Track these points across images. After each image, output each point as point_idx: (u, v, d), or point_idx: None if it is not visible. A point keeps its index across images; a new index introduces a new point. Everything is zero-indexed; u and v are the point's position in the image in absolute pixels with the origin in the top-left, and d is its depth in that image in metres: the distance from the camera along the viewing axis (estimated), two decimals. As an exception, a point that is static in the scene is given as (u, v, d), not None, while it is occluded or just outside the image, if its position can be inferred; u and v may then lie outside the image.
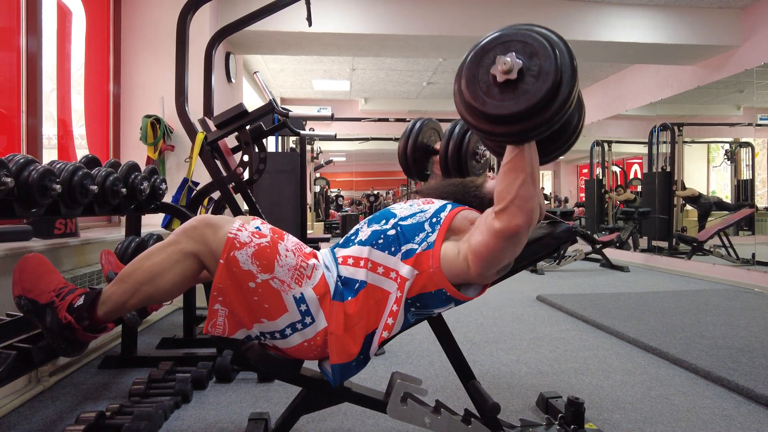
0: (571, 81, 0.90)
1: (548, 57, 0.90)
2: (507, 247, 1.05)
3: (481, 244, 1.07)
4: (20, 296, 1.10)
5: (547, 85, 0.89)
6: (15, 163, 1.25)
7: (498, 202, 1.02)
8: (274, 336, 1.10)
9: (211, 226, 1.08)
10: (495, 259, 1.08)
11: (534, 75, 0.90)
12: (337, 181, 15.44)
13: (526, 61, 0.91)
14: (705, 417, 1.66)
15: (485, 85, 0.95)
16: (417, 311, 1.20)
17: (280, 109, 2.25)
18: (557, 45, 0.92)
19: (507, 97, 0.92)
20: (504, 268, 1.17)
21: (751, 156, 5.87)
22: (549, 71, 0.89)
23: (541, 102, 0.90)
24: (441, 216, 1.20)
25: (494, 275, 1.16)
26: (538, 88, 0.90)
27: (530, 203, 1.00)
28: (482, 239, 1.07)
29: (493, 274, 1.15)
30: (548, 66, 0.89)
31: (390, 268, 1.15)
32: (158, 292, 1.10)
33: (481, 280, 1.16)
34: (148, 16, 3.57)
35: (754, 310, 3.23)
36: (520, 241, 1.05)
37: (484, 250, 1.06)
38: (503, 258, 1.09)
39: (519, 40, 0.93)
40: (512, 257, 1.11)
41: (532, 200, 1.00)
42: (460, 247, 1.14)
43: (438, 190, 1.39)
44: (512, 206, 1.00)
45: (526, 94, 0.91)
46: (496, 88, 0.93)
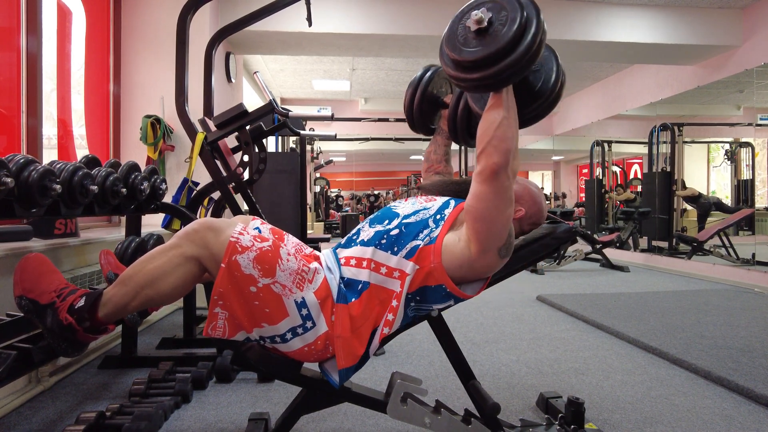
0: (537, 25, 1.00)
1: (514, 8, 1.02)
2: (493, 195, 1.06)
3: (469, 199, 1.10)
4: (21, 296, 1.10)
5: (513, 28, 0.99)
6: (15, 163, 1.25)
7: (477, 146, 1.08)
8: (275, 340, 1.10)
9: (212, 230, 1.08)
10: (488, 214, 1.07)
11: (502, 23, 1.02)
12: (337, 181, 15.44)
13: (495, 15, 1.03)
14: (705, 417, 1.66)
15: (462, 37, 1.07)
16: (416, 306, 1.20)
17: (280, 109, 2.25)
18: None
19: (480, 43, 1.03)
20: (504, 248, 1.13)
21: (751, 156, 5.87)
22: (515, 18, 1.00)
23: (509, 43, 0.99)
24: (445, 213, 1.20)
25: (495, 257, 1.12)
26: (506, 31, 1.00)
27: (506, 143, 1.04)
28: (470, 195, 1.10)
29: (494, 254, 1.12)
30: (514, 14, 1.01)
31: (393, 268, 1.15)
32: (159, 295, 1.10)
33: (483, 260, 1.12)
34: (148, 16, 3.57)
35: (754, 310, 3.23)
36: (502, 185, 1.06)
37: (473, 201, 1.08)
38: (495, 214, 1.07)
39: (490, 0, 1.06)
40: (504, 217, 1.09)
41: (509, 141, 1.05)
42: (460, 234, 1.14)
43: (440, 188, 1.39)
44: (489, 147, 1.05)
45: (495, 37, 1.02)
46: (471, 39, 1.05)
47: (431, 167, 1.62)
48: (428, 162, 1.63)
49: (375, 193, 13.29)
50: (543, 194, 1.41)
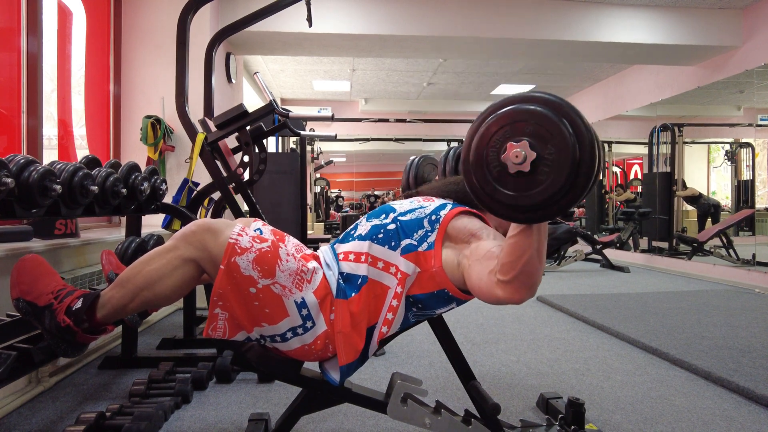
0: (590, 165, 0.81)
1: (564, 142, 0.81)
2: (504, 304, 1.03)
3: (479, 291, 1.04)
4: (18, 298, 1.10)
5: (562, 179, 0.81)
6: (15, 164, 1.25)
7: (502, 273, 0.97)
8: (275, 339, 1.10)
9: (211, 232, 1.07)
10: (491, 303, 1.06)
11: (548, 165, 0.82)
12: (337, 182, 15.44)
13: (539, 152, 0.83)
14: (705, 418, 1.66)
15: (495, 170, 0.87)
16: (418, 312, 1.19)
17: (280, 109, 2.25)
18: (574, 123, 0.82)
19: (519, 187, 0.85)
20: None
21: (752, 156, 5.87)
22: (566, 161, 0.81)
23: (556, 195, 0.83)
24: (441, 214, 1.17)
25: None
26: (553, 181, 0.82)
27: (534, 278, 0.96)
28: (480, 287, 1.03)
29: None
30: (564, 151, 0.81)
31: (390, 263, 1.14)
32: (157, 297, 1.10)
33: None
34: (148, 16, 3.57)
35: (755, 310, 3.23)
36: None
37: (482, 297, 1.04)
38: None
39: (532, 121, 0.84)
40: None
41: (537, 275, 0.97)
42: (460, 260, 1.10)
43: (439, 189, 1.36)
44: (516, 282, 0.96)
45: (540, 185, 0.83)
46: (507, 176, 0.86)
47: None
48: None
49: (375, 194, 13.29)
50: None
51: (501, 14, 4.32)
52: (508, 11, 4.32)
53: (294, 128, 3.43)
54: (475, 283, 1.04)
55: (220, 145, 2.24)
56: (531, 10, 4.33)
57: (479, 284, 1.03)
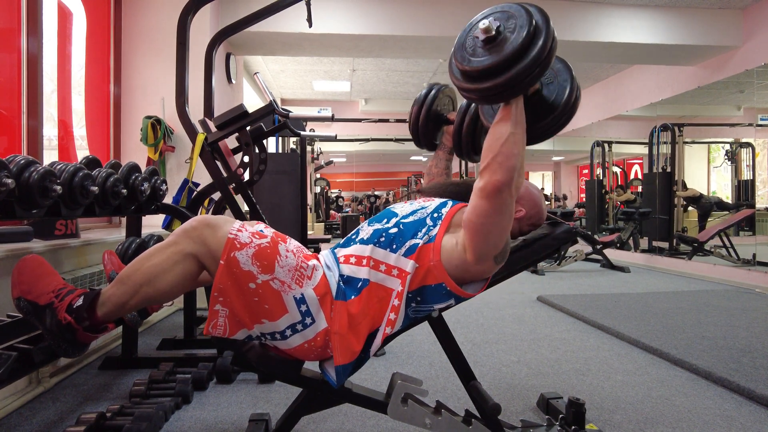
0: (547, 31, 0.97)
1: (522, 15, 0.99)
2: (493, 211, 1.05)
3: (468, 212, 1.09)
4: (19, 298, 1.10)
5: (522, 34, 0.97)
6: (16, 164, 1.25)
7: (482, 161, 1.06)
8: (275, 337, 1.10)
9: (210, 227, 1.08)
10: (485, 229, 1.07)
11: (511, 30, 0.99)
12: (337, 182, 15.45)
13: (503, 23, 1.01)
14: (706, 418, 1.66)
15: (471, 48, 1.04)
16: (417, 306, 1.20)
17: (280, 110, 2.25)
18: (531, 7, 1.01)
19: (489, 52, 1.01)
20: (500, 255, 1.14)
21: (752, 156, 5.87)
22: (524, 25, 0.98)
23: (518, 50, 0.97)
24: (442, 211, 1.20)
25: (491, 263, 1.14)
26: (515, 38, 0.98)
27: (511, 161, 1.02)
28: (469, 207, 1.09)
29: (490, 262, 1.13)
30: (522, 21, 0.98)
31: (392, 266, 1.15)
32: (158, 293, 1.10)
33: (479, 266, 1.13)
34: (148, 17, 3.57)
35: (755, 310, 3.23)
36: (503, 202, 1.05)
37: (473, 215, 1.07)
38: (493, 228, 1.08)
39: (498, 10, 1.05)
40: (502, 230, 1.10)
41: (514, 158, 1.03)
42: (457, 237, 1.14)
43: (440, 190, 1.40)
44: (494, 162, 1.03)
45: (504, 45, 0.99)
46: (480, 48, 1.03)
47: (432, 180, 1.65)
48: (429, 176, 1.67)
49: (375, 194, 13.30)
50: (543, 195, 1.42)
51: (501, 14, 4.31)
52: (508, 11, 4.32)
53: (294, 128, 3.43)
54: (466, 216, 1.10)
55: (221, 146, 2.24)
56: (531, 10, 4.32)
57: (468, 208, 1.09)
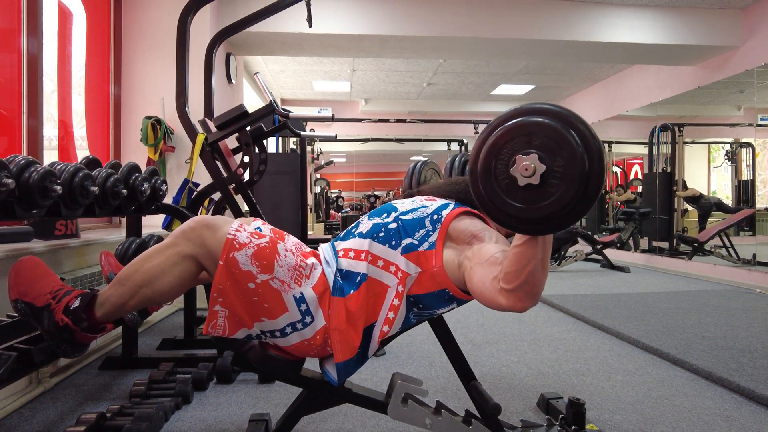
0: (598, 176, 0.81)
1: (573, 156, 0.81)
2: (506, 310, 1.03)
3: (480, 295, 1.03)
4: (17, 300, 1.10)
5: (572, 192, 0.81)
6: (16, 165, 1.25)
7: (506, 281, 0.96)
8: (275, 335, 1.10)
9: (209, 228, 1.08)
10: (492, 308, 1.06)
11: (558, 177, 0.82)
12: (337, 182, 15.44)
13: (549, 162, 0.83)
14: (706, 418, 1.66)
15: (504, 183, 0.87)
16: (419, 312, 1.19)
17: (280, 110, 2.25)
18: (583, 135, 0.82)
19: (529, 200, 0.85)
20: None
21: (752, 156, 5.86)
22: (574, 174, 0.81)
23: (566, 207, 0.83)
24: (442, 214, 1.17)
25: None
26: (563, 194, 0.82)
27: (538, 288, 0.96)
28: (483, 292, 1.02)
29: None
30: (574, 167, 0.81)
31: (390, 262, 1.14)
32: (157, 294, 1.10)
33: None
34: (148, 17, 3.57)
35: (755, 310, 3.23)
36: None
37: (484, 302, 1.04)
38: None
39: (542, 132, 0.84)
40: None
41: (540, 285, 0.96)
42: (461, 261, 1.10)
43: (441, 189, 1.35)
44: (520, 291, 0.95)
45: (549, 198, 0.83)
46: (516, 189, 0.85)
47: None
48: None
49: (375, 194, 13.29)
50: None
51: (501, 14, 4.32)
52: (508, 12, 4.32)
53: (294, 129, 3.43)
54: (477, 288, 1.04)
55: (221, 146, 2.24)
56: (531, 11, 4.33)
57: (482, 289, 1.02)
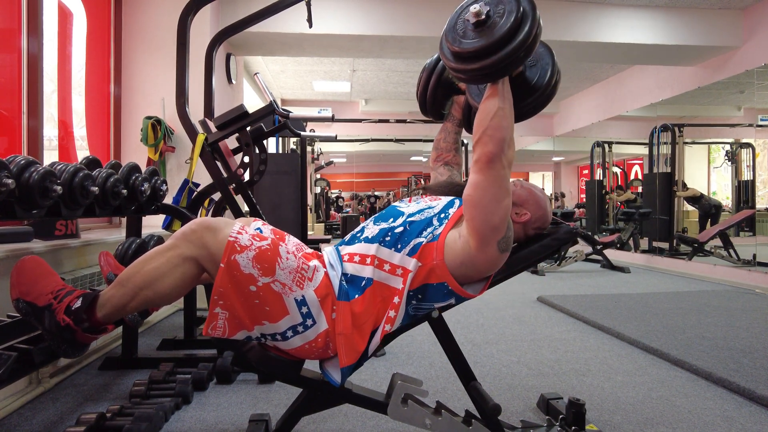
0: (533, 18, 1.04)
1: (511, 1, 1.06)
2: (488, 183, 1.07)
3: (467, 188, 1.11)
4: (18, 299, 1.10)
5: (510, 19, 1.04)
6: (16, 165, 1.25)
7: (474, 136, 1.10)
8: (275, 337, 1.10)
9: (210, 230, 1.08)
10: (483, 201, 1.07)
11: (500, 15, 1.06)
12: (337, 182, 15.44)
13: (492, 8, 1.08)
14: (706, 418, 1.66)
15: (461, 30, 1.11)
16: (417, 304, 1.20)
17: (280, 110, 2.25)
18: None
19: (478, 35, 1.08)
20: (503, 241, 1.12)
21: (752, 157, 5.86)
22: (512, 10, 1.05)
23: (506, 34, 1.03)
24: (449, 212, 1.21)
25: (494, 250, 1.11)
26: (503, 23, 1.04)
27: (501, 132, 1.07)
28: (468, 183, 1.12)
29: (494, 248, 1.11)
30: (511, 7, 1.05)
31: (396, 265, 1.15)
32: (158, 296, 1.10)
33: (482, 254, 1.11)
34: (148, 17, 3.58)
35: (755, 311, 3.23)
36: (498, 174, 1.07)
37: (470, 189, 1.10)
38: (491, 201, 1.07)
39: None
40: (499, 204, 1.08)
41: (503, 130, 1.07)
42: (461, 230, 1.15)
43: (446, 189, 1.39)
44: (484, 136, 1.08)
45: (493, 28, 1.06)
46: (470, 31, 1.09)
47: (440, 156, 1.59)
48: (437, 150, 1.60)
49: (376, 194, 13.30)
50: (548, 199, 1.41)
51: (501, 15, 4.31)
52: (509, 12, 4.32)
53: (294, 129, 3.43)
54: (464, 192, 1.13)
55: (221, 146, 2.24)
56: (531, 11, 4.32)
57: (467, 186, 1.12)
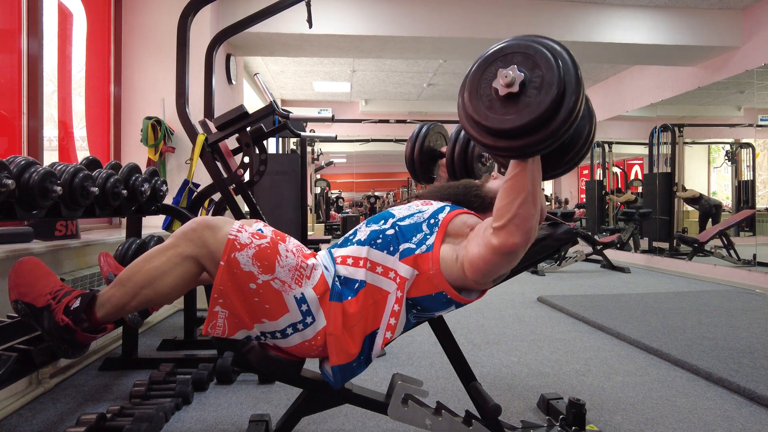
0: (576, 91, 0.85)
1: (550, 67, 0.86)
2: (503, 262, 1.04)
3: (477, 256, 1.05)
4: (17, 300, 1.10)
5: (549, 97, 0.85)
6: (16, 165, 1.25)
7: (497, 218, 0.99)
8: (275, 336, 1.10)
9: (210, 228, 1.08)
10: (491, 271, 1.07)
11: (536, 87, 0.86)
12: (337, 183, 15.45)
13: (527, 73, 0.87)
14: (706, 418, 1.66)
15: (487, 98, 0.92)
16: (418, 313, 1.20)
17: (280, 110, 2.25)
18: (560, 54, 0.88)
19: (509, 111, 0.89)
20: (501, 276, 1.17)
21: (752, 157, 5.86)
22: (551, 82, 0.85)
23: (544, 115, 0.86)
24: (439, 217, 1.18)
25: (491, 283, 1.17)
26: (541, 100, 0.86)
27: (529, 223, 0.97)
28: (479, 252, 1.05)
29: (491, 283, 1.17)
30: (550, 76, 0.85)
31: (389, 268, 1.14)
32: (158, 295, 1.10)
33: (478, 287, 1.15)
34: (148, 18, 3.58)
35: (756, 311, 3.23)
36: (516, 257, 1.04)
37: (481, 262, 1.05)
38: (499, 270, 1.08)
39: (521, 51, 0.89)
40: (509, 269, 1.11)
41: (532, 219, 0.97)
42: (458, 252, 1.12)
43: (438, 192, 1.38)
44: (511, 225, 0.97)
45: (528, 107, 0.87)
46: (498, 102, 0.90)
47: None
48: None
49: (375, 195, 13.31)
50: (542, 193, 1.41)
51: (501, 15, 4.32)
52: (508, 12, 4.33)
53: (294, 129, 3.44)
54: (472, 251, 1.06)
55: (221, 147, 2.24)
56: (531, 11, 4.33)
57: (476, 250, 1.05)
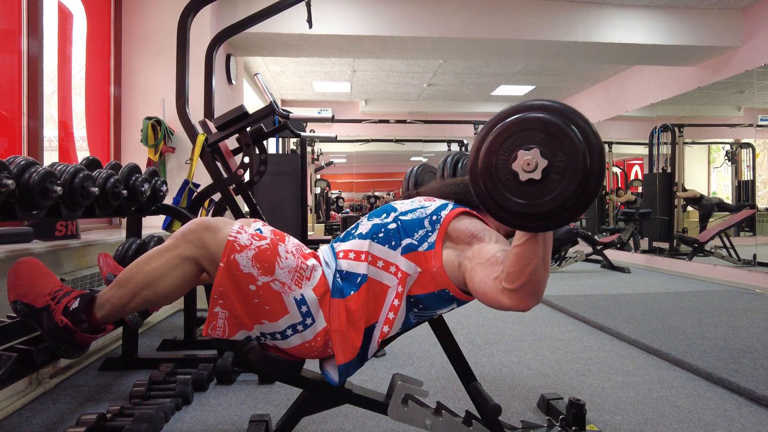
0: (599, 174, 0.82)
1: (574, 151, 0.81)
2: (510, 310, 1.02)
3: (482, 294, 1.03)
4: (16, 301, 1.10)
5: (573, 186, 0.82)
6: (16, 165, 1.25)
7: (508, 281, 0.96)
8: (275, 336, 1.09)
9: (209, 230, 1.08)
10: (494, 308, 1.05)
11: (559, 173, 0.83)
12: (337, 183, 15.44)
13: (550, 160, 0.83)
14: (706, 418, 1.66)
15: (505, 178, 0.87)
16: (419, 312, 1.19)
17: (280, 110, 2.25)
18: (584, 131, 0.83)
19: (530, 195, 0.85)
20: None
21: (752, 157, 5.86)
22: (576, 169, 0.81)
23: (567, 203, 0.83)
24: (442, 214, 1.17)
25: None
26: (564, 189, 0.82)
27: (540, 287, 0.96)
28: (485, 292, 1.02)
29: None
30: (575, 163, 0.81)
31: (390, 262, 1.14)
32: (157, 296, 1.10)
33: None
34: (148, 18, 3.58)
35: (756, 311, 3.23)
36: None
37: (486, 300, 1.03)
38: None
39: (542, 126, 0.84)
40: None
41: (542, 284, 0.96)
42: (461, 260, 1.10)
43: (439, 190, 1.36)
44: (522, 290, 0.95)
45: (550, 194, 0.83)
46: (518, 185, 0.85)
47: None
48: None
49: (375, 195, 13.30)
50: None
51: (501, 15, 4.32)
52: (508, 12, 4.33)
53: (294, 129, 3.44)
54: (479, 288, 1.04)
55: (221, 147, 2.24)
56: (531, 11, 4.33)
57: (484, 289, 1.02)
